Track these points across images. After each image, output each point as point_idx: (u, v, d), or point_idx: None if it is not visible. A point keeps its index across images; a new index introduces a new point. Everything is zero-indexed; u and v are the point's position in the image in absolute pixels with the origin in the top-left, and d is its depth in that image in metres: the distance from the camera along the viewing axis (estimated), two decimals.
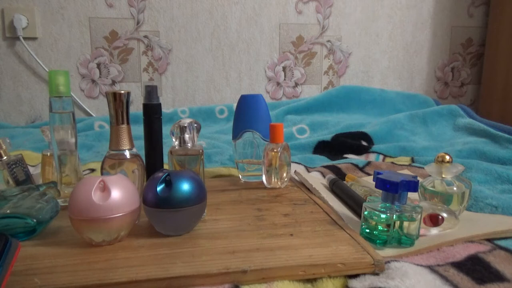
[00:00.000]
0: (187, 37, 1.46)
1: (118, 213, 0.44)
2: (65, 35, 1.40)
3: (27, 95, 1.41)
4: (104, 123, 1.33)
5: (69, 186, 0.59)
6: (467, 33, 1.62)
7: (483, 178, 0.74)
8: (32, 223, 0.46)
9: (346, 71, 1.58)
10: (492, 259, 0.43)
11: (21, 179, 0.63)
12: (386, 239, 0.46)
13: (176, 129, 0.61)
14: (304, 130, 1.25)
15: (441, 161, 0.56)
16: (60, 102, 0.56)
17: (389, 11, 1.56)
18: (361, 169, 0.84)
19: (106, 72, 1.44)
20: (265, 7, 1.49)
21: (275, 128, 0.67)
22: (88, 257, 0.42)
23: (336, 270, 0.40)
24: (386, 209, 0.46)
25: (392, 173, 0.48)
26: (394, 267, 0.41)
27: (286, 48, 1.53)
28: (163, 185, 0.47)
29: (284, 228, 0.50)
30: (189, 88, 1.50)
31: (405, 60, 1.60)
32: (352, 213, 0.57)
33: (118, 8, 1.41)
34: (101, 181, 0.45)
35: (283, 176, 0.69)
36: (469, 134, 1.11)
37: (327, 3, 1.52)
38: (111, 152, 0.54)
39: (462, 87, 1.66)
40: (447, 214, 0.50)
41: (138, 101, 1.46)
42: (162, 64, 1.47)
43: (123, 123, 0.53)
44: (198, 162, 0.62)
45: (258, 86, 1.53)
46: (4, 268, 0.35)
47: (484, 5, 1.60)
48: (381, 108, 1.43)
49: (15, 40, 1.37)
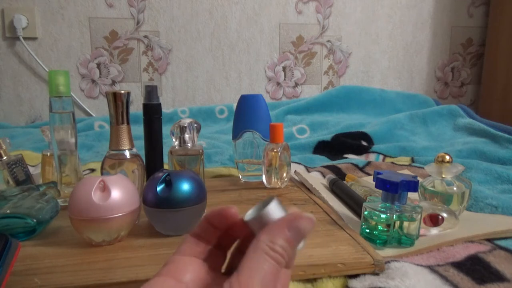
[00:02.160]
0: (187, 37, 1.46)
1: (118, 213, 0.44)
2: (65, 35, 1.40)
3: (27, 95, 1.41)
4: (104, 123, 1.33)
5: (69, 186, 0.59)
6: (467, 33, 1.62)
7: (483, 178, 0.74)
8: (32, 223, 0.46)
9: (346, 71, 1.58)
10: (492, 259, 0.43)
11: (21, 179, 0.63)
12: (386, 239, 0.46)
13: (176, 129, 0.61)
14: (304, 130, 1.25)
15: (441, 161, 0.56)
16: (60, 102, 0.56)
17: (389, 11, 1.56)
18: (361, 169, 0.84)
19: (106, 72, 1.44)
20: (265, 7, 1.49)
21: (275, 128, 0.67)
22: (88, 257, 0.42)
23: (336, 270, 0.40)
24: (386, 209, 0.46)
25: (392, 173, 0.48)
26: (394, 267, 0.41)
27: (286, 48, 1.53)
28: (163, 185, 0.47)
29: None
30: (189, 88, 1.50)
31: (405, 60, 1.60)
32: (352, 213, 0.57)
33: (118, 8, 1.41)
34: (101, 181, 0.44)
35: (283, 176, 0.69)
36: (469, 134, 1.11)
37: (327, 3, 1.52)
38: (111, 152, 0.54)
39: (462, 87, 1.66)
40: (447, 214, 0.50)
41: (138, 101, 1.46)
42: (162, 64, 1.47)
43: (123, 123, 0.53)
44: (198, 162, 0.62)
45: (258, 86, 1.53)
46: (4, 268, 0.35)
47: (484, 5, 1.60)
48: (381, 108, 1.43)
49: (15, 40, 1.37)
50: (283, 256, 0.24)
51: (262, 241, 0.24)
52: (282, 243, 0.24)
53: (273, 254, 0.24)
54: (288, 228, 0.25)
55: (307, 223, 0.25)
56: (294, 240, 0.25)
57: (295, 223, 0.25)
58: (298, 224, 0.25)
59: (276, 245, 0.24)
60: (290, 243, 0.25)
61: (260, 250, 0.24)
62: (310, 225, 0.25)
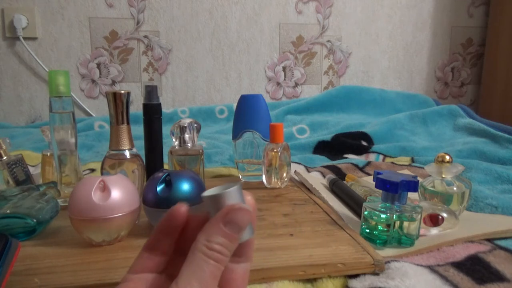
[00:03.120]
0: (187, 37, 1.46)
1: (118, 213, 0.44)
2: (65, 35, 1.40)
3: (27, 95, 1.41)
4: (104, 123, 1.33)
5: (69, 186, 0.59)
6: (467, 33, 1.62)
7: (483, 178, 0.74)
8: (32, 223, 0.46)
9: (346, 71, 1.58)
10: (492, 259, 0.43)
11: (21, 179, 0.63)
12: (386, 239, 0.46)
13: (176, 129, 0.61)
14: (304, 130, 1.25)
15: (441, 161, 0.56)
16: (60, 102, 0.56)
17: (389, 11, 1.56)
18: (361, 169, 0.84)
19: (106, 72, 1.44)
20: (265, 7, 1.49)
21: (275, 128, 0.67)
22: (88, 257, 0.42)
23: (336, 270, 0.40)
24: (386, 209, 0.46)
25: (392, 173, 0.48)
26: (394, 267, 0.41)
27: (286, 48, 1.53)
28: (163, 185, 0.47)
29: (284, 228, 0.50)
30: (189, 88, 1.50)
31: (405, 60, 1.60)
32: (352, 213, 0.57)
33: (118, 8, 1.41)
34: (101, 181, 0.44)
35: (283, 176, 0.69)
36: (469, 134, 1.11)
37: (327, 3, 1.52)
38: (111, 152, 0.54)
39: (462, 87, 1.66)
40: (447, 214, 0.50)
41: (138, 101, 1.46)
42: (162, 64, 1.47)
43: (123, 123, 0.53)
44: (198, 162, 0.62)
45: (258, 86, 1.53)
46: (4, 268, 0.35)
47: (484, 5, 1.60)
48: (381, 108, 1.43)
49: (15, 40, 1.37)
50: (223, 253, 0.24)
51: (199, 241, 0.24)
52: (219, 240, 0.24)
53: (211, 254, 0.23)
54: (224, 223, 0.24)
55: (243, 215, 0.24)
56: (233, 234, 0.24)
57: (229, 216, 0.24)
58: (232, 217, 0.24)
59: (212, 243, 0.23)
60: (228, 237, 0.24)
61: (197, 251, 0.23)
62: (246, 216, 0.25)
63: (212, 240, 0.24)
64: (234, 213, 0.24)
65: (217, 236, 0.24)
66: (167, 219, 0.27)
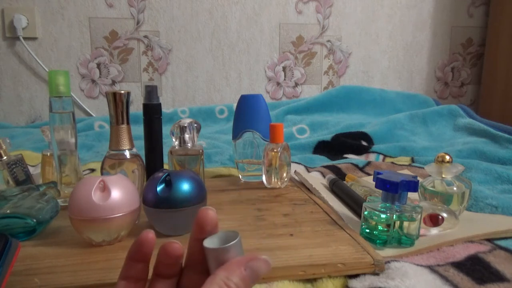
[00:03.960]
0: (187, 37, 1.46)
1: (118, 213, 0.44)
2: (65, 35, 1.40)
3: (27, 95, 1.41)
4: (104, 123, 1.33)
5: (69, 186, 0.59)
6: (467, 33, 1.62)
7: (483, 178, 0.74)
8: (32, 223, 0.46)
9: (346, 71, 1.58)
10: (492, 259, 0.43)
11: (21, 179, 0.63)
12: (386, 239, 0.46)
13: (176, 129, 0.61)
14: (304, 130, 1.25)
15: (441, 161, 0.56)
16: (60, 102, 0.56)
17: (389, 11, 1.56)
18: (361, 169, 0.84)
19: (106, 72, 1.44)
20: (265, 7, 1.49)
21: (275, 128, 0.67)
22: (88, 257, 0.42)
23: (336, 270, 0.40)
24: (386, 209, 0.46)
25: (392, 173, 0.48)
26: (394, 267, 0.41)
27: (286, 48, 1.53)
28: (163, 185, 0.47)
29: (284, 228, 0.50)
30: (189, 88, 1.50)
31: (405, 60, 1.60)
32: (352, 213, 0.57)
33: (118, 8, 1.41)
34: (101, 181, 0.44)
35: (283, 176, 0.69)
36: (469, 134, 1.11)
37: (327, 3, 1.52)
38: (111, 152, 0.54)
39: (462, 87, 1.66)
40: (447, 214, 0.50)
41: (138, 101, 1.46)
42: (162, 64, 1.47)
43: (123, 123, 0.53)
44: (198, 162, 0.62)
45: (258, 86, 1.53)
46: (4, 268, 0.35)
47: (484, 5, 1.60)
48: (381, 108, 1.43)
49: (15, 40, 1.37)
50: None
51: (218, 276, 0.25)
52: (237, 280, 0.25)
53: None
54: (245, 267, 0.26)
55: (264, 265, 0.26)
56: (249, 279, 0.26)
57: (252, 263, 0.26)
58: (254, 265, 0.26)
59: (231, 282, 0.25)
60: (244, 281, 0.25)
61: (215, 284, 0.25)
62: (266, 267, 0.26)
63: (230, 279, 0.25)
64: (257, 261, 0.26)
65: (236, 277, 0.25)
66: (136, 246, 0.28)
